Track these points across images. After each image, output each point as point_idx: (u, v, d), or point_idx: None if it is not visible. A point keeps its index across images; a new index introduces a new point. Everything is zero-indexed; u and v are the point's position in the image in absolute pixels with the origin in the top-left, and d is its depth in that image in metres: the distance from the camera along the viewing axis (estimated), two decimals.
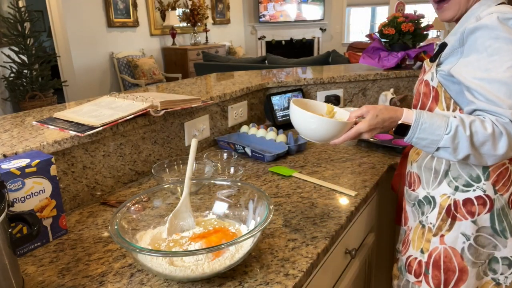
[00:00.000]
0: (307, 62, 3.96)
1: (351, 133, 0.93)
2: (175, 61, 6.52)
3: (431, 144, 0.87)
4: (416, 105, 1.08)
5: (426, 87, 1.02)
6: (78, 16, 5.15)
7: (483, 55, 0.87)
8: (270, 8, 8.50)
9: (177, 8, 6.61)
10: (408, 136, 0.89)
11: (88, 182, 1.14)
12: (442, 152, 0.88)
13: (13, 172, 0.85)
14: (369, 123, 0.91)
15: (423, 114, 0.88)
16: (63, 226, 0.96)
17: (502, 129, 0.82)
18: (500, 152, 0.84)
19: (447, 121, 0.86)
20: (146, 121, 1.27)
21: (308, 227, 0.96)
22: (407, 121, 0.90)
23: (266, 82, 1.89)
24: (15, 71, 4.60)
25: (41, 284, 0.79)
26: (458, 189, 0.99)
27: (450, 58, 0.96)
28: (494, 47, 0.86)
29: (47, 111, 1.36)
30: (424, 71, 1.11)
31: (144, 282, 0.78)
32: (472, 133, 0.84)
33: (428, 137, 0.87)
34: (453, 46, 0.95)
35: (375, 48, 2.15)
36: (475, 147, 0.85)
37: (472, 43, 0.90)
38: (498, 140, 0.83)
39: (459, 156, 0.86)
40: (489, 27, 0.86)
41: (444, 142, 0.86)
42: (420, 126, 0.87)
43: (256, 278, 0.78)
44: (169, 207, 0.93)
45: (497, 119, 0.83)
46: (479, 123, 0.84)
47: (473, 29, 0.89)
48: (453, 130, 0.84)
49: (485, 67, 0.86)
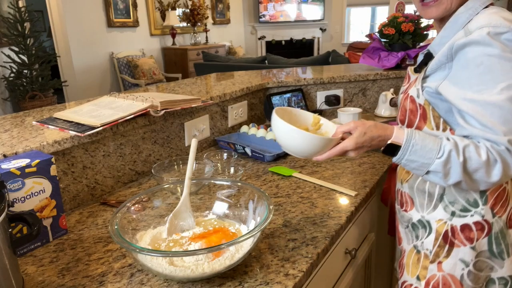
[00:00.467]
0: (307, 62, 3.96)
1: (336, 150, 0.87)
2: (175, 61, 6.52)
3: (421, 167, 0.83)
4: (403, 121, 1.00)
5: (412, 104, 0.95)
6: (78, 16, 5.15)
7: (474, 74, 0.80)
8: (270, 8, 8.50)
9: (177, 8, 6.61)
10: (398, 157, 0.85)
11: (88, 182, 1.14)
12: (432, 176, 0.84)
13: (13, 172, 0.85)
14: (356, 141, 0.86)
15: (415, 135, 0.83)
16: (63, 226, 0.96)
17: (497, 156, 0.78)
18: (494, 180, 0.80)
19: (440, 144, 0.81)
20: (146, 121, 1.27)
21: (308, 227, 0.96)
22: (397, 141, 0.85)
23: (266, 82, 1.89)
24: (15, 71, 4.60)
25: (41, 284, 0.79)
26: (455, 214, 0.94)
27: (437, 73, 0.89)
28: (485, 65, 0.79)
29: (47, 111, 1.36)
30: (408, 79, 1.05)
31: (144, 282, 0.78)
32: (466, 159, 0.79)
33: (418, 159, 0.83)
34: (440, 61, 0.88)
35: (375, 48, 2.15)
36: (467, 173, 0.80)
37: (461, 59, 0.83)
38: (492, 168, 0.79)
39: (450, 181, 0.82)
40: (480, 43, 0.80)
41: (435, 167, 0.81)
42: (411, 148, 0.83)
43: (256, 278, 0.78)
44: (169, 207, 0.93)
45: (492, 146, 0.79)
46: (474, 149, 0.79)
47: (463, 45, 0.82)
48: (445, 154, 0.80)
49: (477, 88, 0.80)
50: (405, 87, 1.04)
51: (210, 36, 7.43)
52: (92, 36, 5.38)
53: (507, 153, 0.79)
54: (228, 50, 7.60)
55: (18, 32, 4.52)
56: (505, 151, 0.78)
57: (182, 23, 6.72)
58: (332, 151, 0.88)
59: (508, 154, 0.79)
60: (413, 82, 0.97)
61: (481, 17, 0.84)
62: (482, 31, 0.80)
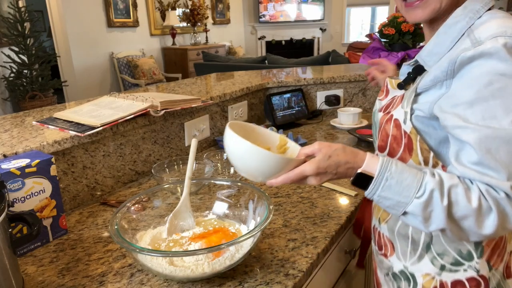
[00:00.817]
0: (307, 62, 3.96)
1: (293, 175, 0.71)
2: (175, 61, 6.52)
3: (397, 206, 0.67)
4: (383, 148, 0.81)
5: (396, 129, 0.77)
6: (78, 16, 5.15)
7: (480, 95, 0.63)
8: (270, 8, 8.50)
9: (177, 8, 6.61)
10: (368, 191, 0.69)
11: (88, 182, 1.14)
12: (410, 218, 0.67)
13: (13, 172, 0.85)
14: (317, 165, 0.70)
15: (391, 166, 0.67)
16: (63, 226, 0.96)
17: (493, 204, 0.62)
18: (486, 232, 0.64)
19: (421, 180, 0.65)
20: (146, 121, 1.27)
21: (308, 227, 0.96)
22: (369, 171, 0.69)
23: (266, 82, 1.89)
24: (15, 71, 4.60)
25: (41, 284, 0.79)
26: (445, 268, 0.78)
27: (430, 92, 0.72)
28: (497, 87, 0.62)
29: (47, 111, 1.36)
30: (386, 93, 0.88)
31: (144, 282, 0.78)
32: (451, 203, 0.64)
33: (393, 197, 0.67)
34: (436, 77, 0.69)
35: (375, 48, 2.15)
36: (453, 220, 0.65)
37: (466, 76, 0.65)
38: (485, 218, 0.63)
39: (431, 228, 0.67)
40: (493, 56, 0.63)
41: (413, 208, 0.65)
42: (384, 182, 0.67)
43: (256, 278, 0.78)
44: (169, 207, 0.93)
45: (487, 190, 0.63)
46: (462, 191, 0.64)
47: (471, 58, 0.64)
48: (426, 194, 0.64)
49: (482, 114, 0.63)
50: (383, 103, 0.87)
51: (210, 36, 7.43)
52: (92, 36, 5.38)
53: (507, 201, 0.62)
54: (228, 50, 7.60)
55: (18, 32, 4.52)
56: (505, 199, 0.62)
57: (182, 23, 6.73)
58: (288, 175, 0.71)
59: (508, 202, 0.62)
60: (398, 101, 0.80)
61: (490, 22, 0.68)
62: (496, 41, 0.63)
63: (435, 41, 0.74)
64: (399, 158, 0.76)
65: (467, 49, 0.65)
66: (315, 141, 0.74)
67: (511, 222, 0.64)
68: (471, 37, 0.67)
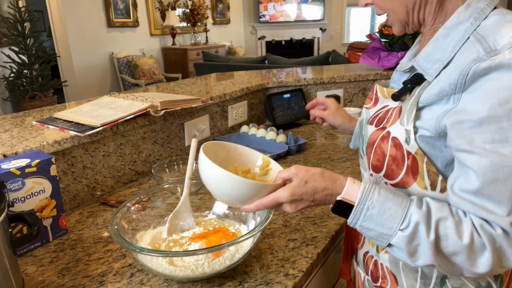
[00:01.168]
0: (307, 62, 3.96)
1: (266, 201, 0.66)
2: (175, 61, 6.52)
3: (380, 237, 0.62)
4: (379, 168, 0.71)
5: (396, 150, 0.67)
6: (78, 16, 5.15)
7: (492, 113, 0.54)
8: (270, 8, 8.50)
9: (177, 8, 6.61)
10: (350, 220, 0.63)
11: (88, 182, 1.14)
12: (396, 251, 0.62)
13: (13, 172, 0.85)
14: (292, 192, 0.64)
15: (373, 194, 0.61)
16: (63, 226, 0.96)
17: (487, 241, 0.56)
18: (479, 271, 0.57)
19: (405, 210, 0.59)
20: (146, 121, 1.27)
21: (308, 227, 0.96)
22: (349, 199, 0.63)
23: (266, 82, 1.89)
24: (15, 71, 4.60)
25: (41, 284, 0.79)
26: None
27: (434, 107, 0.62)
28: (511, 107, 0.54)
29: (47, 111, 1.36)
30: (375, 101, 0.78)
31: (144, 282, 0.78)
32: (439, 238, 0.58)
33: (375, 228, 0.61)
34: (442, 90, 0.60)
35: (375, 48, 2.15)
36: (442, 255, 0.58)
37: (479, 90, 0.56)
38: (478, 255, 0.57)
39: (418, 263, 0.61)
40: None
41: (397, 241, 0.60)
42: (366, 212, 0.61)
43: (256, 278, 0.78)
44: (169, 207, 0.93)
45: (481, 225, 0.56)
46: (453, 225, 0.57)
47: (486, 70, 0.55)
48: (411, 227, 0.58)
49: (492, 136, 0.55)
50: (371, 113, 0.77)
51: (210, 36, 7.43)
52: (92, 36, 5.38)
53: (504, 238, 0.56)
54: (228, 50, 7.60)
55: (18, 32, 4.52)
56: (501, 236, 0.56)
57: (182, 23, 6.73)
58: (261, 201, 0.67)
59: (505, 240, 0.56)
60: (395, 116, 0.69)
61: (503, 27, 0.59)
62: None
63: (434, 45, 0.65)
64: (400, 182, 0.68)
65: (481, 59, 0.56)
66: (293, 166, 0.68)
67: (510, 261, 0.57)
68: (483, 44, 0.58)
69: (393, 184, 0.69)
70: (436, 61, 0.63)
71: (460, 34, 0.62)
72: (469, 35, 0.61)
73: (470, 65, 0.57)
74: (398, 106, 0.69)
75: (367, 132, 0.75)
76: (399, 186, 0.68)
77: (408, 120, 0.65)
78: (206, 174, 0.70)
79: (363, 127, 0.78)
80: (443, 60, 0.62)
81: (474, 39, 0.60)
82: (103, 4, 5.47)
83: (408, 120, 0.65)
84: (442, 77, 0.61)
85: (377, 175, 0.72)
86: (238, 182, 0.67)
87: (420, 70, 0.66)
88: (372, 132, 0.73)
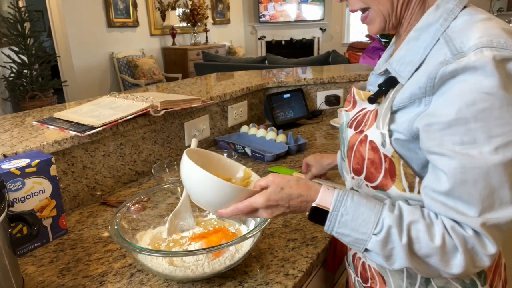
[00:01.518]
0: (307, 62, 3.96)
1: (242, 206, 0.67)
2: (175, 61, 6.52)
3: (356, 243, 0.62)
4: (359, 172, 0.72)
5: (373, 153, 0.67)
6: (78, 16, 5.15)
7: (460, 115, 0.55)
8: (270, 8, 8.50)
9: (177, 8, 6.61)
10: (326, 227, 0.64)
11: (88, 182, 1.14)
12: (373, 255, 0.63)
13: (13, 172, 0.85)
14: (268, 197, 0.65)
15: (347, 200, 0.63)
16: (63, 226, 0.96)
17: (459, 242, 0.56)
18: (454, 272, 0.58)
19: (378, 215, 0.60)
20: (146, 121, 1.27)
21: (308, 227, 0.96)
22: (323, 205, 0.64)
23: (266, 82, 1.89)
24: (15, 71, 4.60)
25: (41, 284, 0.79)
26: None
27: (407, 110, 0.62)
28: (480, 107, 0.54)
29: (47, 111, 1.36)
30: (353, 104, 0.77)
31: (144, 282, 0.78)
32: (412, 241, 0.58)
33: (351, 234, 0.62)
34: (413, 94, 0.60)
35: (375, 48, 2.15)
36: (417, 258, 0.59)
37: (447, 93, 0.57)
38: (451, 257, 0.58)
39: (395, 266, 0.61)
40: (479, 71, 0.54)
41: (372, 245, 0.61)
42: (340, 218, 0.62)
43: (256, 278, 0.78)
44: (169, 207, 0.93)
45: (453, 227, 0.57)
46: (424, 227, 0.58)
47: (453, 72, 0.56)
48: (384, 231, 0.59)
49: (461, 138, 0.55)
50: (351, 116, 0.77)
51: (210, 36, 7.43)
52: (92, 36, 5.38)
53: (475, 239, 0.56)
54: (228, 50, 7.61)
55: (18, 32, 4.52)
56: (472, 238, 0.56)
57: (182, 23, 6.73)
58: (237, 205, 0.67)
59: (476, 240, 0.56)
60: (372, 118, 0.69)
61: (471, 27, 0.58)
62: (482, 54, 0.54)
63: (406, 47, 0.65)
64: (380, 184, 0.68)
65: (447, 62, 0.56)
66: (270, 174, 0.70)
67: (484, 261, 0.58)
68: (450, 46, 0.58)
69: (374, 187, 0.70)
70: (409, 63, 0.64)
71: (430, 36, 0.62)
72: (439, 37, 0.61)
73: (438, 68, 0.57)
74: (374, 109, 0.70)
75: (347, 135, 0.75)
76: (379, 189, 0.69)
77: (384, 123, 0.65)
78: (187, 175, 0.72)
79: (343, 130, 0.79)
80: (415, 62, 0.63)
81: (443, 41, 0.60)
82: (103, 4, 5.47)
83: (384, 123, 0.65)
84: (413, 80, 0.62)
85: (358, 178, 0.72)
86: (217, 183, 0.68)
87: (394, 73, 0.66)
88: (351, 135, 0.73)
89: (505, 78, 0.54)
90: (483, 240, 0.57)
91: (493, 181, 0.54)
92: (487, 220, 0.56)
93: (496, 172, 0.54)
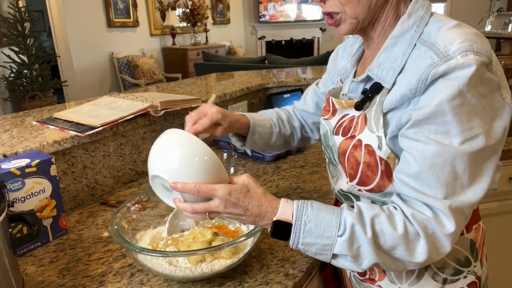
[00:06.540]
0: (307, 62, 3.96)
1: (204, 187, 0.65)
2: (175, 61, 6.52)
3: (324, 250, 0.63)
4: (353, 176, 0.73)
5: (369, 156, 0.69)
6: (78, 16, 5.15)
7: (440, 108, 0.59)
8: (270, 8, 8.50)
9: (177, 8, 6.61)
10: (292, 240, 0.64)
11: (88, 182, 1.14)
12: (341, 260, 0.63)
13: (13, 172, 0.85)
14: (231, 191, 0.66)
15: (307, 208, 0.64)
16: (63, 226, 0.96)
17: (420, 228, 0.60)
18: (419, 260, 0.61)
19: (339, 216, 0.62)
20: (146, 121, 1.27)
21: None
22: (285, 218, 0.64)
23: (266, 82, 1.89)
24: (15, 71, 4.60)
25: (41, 284, 0.79)
26: (447, 281, 0.74)
27: (396, 111, 0.66)
28: (458, 103, 0.59)
29: (47, 111, 1.36)
30: (333, 112, 0.79)
31: (144, 282, 0.78)
32: (376, 234, 0.60)
33: (317, 241, 0.62)
34: (403, 96, 0.64)
35: None
36: (383, 252, 0.61)
37: (432, 88, 0.61)
38: (415, 245, 0.60)
39: (364, 265, 0.62)
40: (465, 73, 0.58)
41: (339, 248, 0.61)
42: (304, 227, 0.63)
43: (256, 278, 0.78)
44: (169, 207, 0.92)
45: (413, 214, 0.60)
46: (386, 219, 0.61)
47: (443, 72, 0.59)
48: (348, 230, 0.61)
49: (436, 127, 0.60)
50: (333, 123, 0.78)
51: (210, 36, 7.43)
52: (92, 36, 5.38)
53: (435, 221, 0.59)
54: (228, 50, 7.60)
55: (18, 32, 4.52)
56: (431, 220, 0.59)
57: (182, 23, 6.73)
58: (200, 185, 0.65)
59: (436, 222, 0.59)
60: (362, 123, 0.71)
61: (447, 33, 0.63)
62: (468, 57, 0.59)
63: (385, 54, 0.69)
64: (376, 186, 0.70)
65: (437, 64, 0.60)
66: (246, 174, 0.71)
67: (445, 246, 0.61)
68: (435, 51, 0.62)
69: (368, 190, 0.71)
70: (390, 69, 0.67)
71: (406, 42, 0.66)
72: (415, 42, 0.66)
73: (428, 70, 0.61)
74: (362, 114, 0.71)
75: (335, 142, 0.77)
76: (375, 191, 0.70)
77: (378, 127, 0.68)
78: (162, 139, 0.70)
79: (328, 138, 0.80)
80: (396, 67, 0.67)
81: (424, 46, 0.64)
82: (103, 4, 5.47)
83: (378, 127, 0.68)
84: (401, 83, 0.65)
85: (352, 183, 0.74)
86: (202, 147, 0.67)
87: (377, 79, 0.69)
88: (341, 141, 0.74)
89: (479, 80, 0.59)
90: (442, 221, 0.60)
91: (458, 168, 0.59)
92: (451, 202, 0.59)
93: (462, 160, 0.59)
